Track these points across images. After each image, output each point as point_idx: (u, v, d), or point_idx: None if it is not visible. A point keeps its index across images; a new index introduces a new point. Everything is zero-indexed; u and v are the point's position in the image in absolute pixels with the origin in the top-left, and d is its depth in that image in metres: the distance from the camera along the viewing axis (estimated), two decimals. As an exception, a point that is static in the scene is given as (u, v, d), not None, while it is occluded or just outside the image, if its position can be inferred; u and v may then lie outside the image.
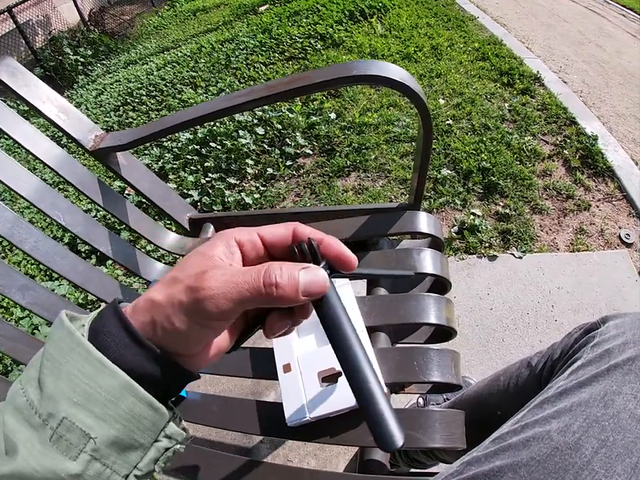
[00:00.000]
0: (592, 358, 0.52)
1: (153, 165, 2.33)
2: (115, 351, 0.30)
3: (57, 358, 0.30)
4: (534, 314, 1.50)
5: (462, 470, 0.46)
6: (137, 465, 0.31)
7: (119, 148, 0.88)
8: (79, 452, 0.28)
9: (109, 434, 0.29)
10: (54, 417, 0.28)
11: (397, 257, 0.81)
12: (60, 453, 0.28)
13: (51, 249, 0.90)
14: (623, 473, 0.40)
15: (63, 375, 0.29)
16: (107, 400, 0.29)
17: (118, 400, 0.29)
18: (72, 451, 0.28)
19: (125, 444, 0.30)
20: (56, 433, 0.28)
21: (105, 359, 0.29)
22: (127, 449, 0.30)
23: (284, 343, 0.76)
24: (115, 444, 0.30)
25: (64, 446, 0.28)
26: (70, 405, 0.29)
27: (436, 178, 1.92)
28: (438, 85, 2.48)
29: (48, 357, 0.30)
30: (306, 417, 0.68)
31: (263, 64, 3.07)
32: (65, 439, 0.28)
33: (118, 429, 0.29)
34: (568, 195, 1.85)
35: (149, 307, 0.31)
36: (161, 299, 0.31)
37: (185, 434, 0.35)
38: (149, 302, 0.31)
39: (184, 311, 0.30)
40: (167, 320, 0.30)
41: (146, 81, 3.39)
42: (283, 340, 0.77)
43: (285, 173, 2.12)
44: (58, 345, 0.30)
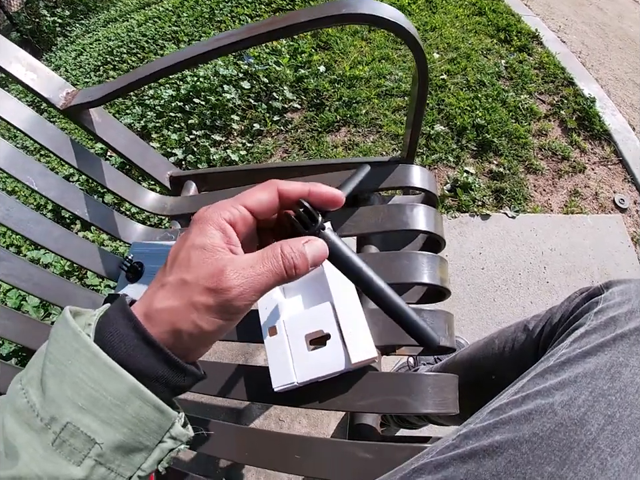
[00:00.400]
0: (596, 325, 0.48)
1: (135, 124, 2.24)
2: (123, 352, 0.29)
3: (60, 360, 0.29)
4: (526, 275, 1.48)
5: (458, 443, 0.42)
6: (141, 466, 0.31)
7: (91, 104, 0.81)
8: (84, 457, 0.28)
9: (115, 438, 0.28)
10: (57, 421, 0.27)
11: (388, 212, 0.76)
12: (63, 457, 0.27)
13: (24, 215, 0.86)
14: (628, 452, 0.37)
15: (67, 377, 0.28)
16: (113, 404, 0.28)
17: (125, 404, 0.29)
18: (76, 456, 0.27)
19: (130, 447, 0.29)
20: (59, 438, 0.27)
21: (113, 363, 0.28)
22: (131, 452, 0.30)
23: (270, 305, 0.72)
24: (121, 448, 0.29)
25: (67, 451, 0.27)
26: (74, 409, 0.28)
27: (429, 134, 1.85)
28: (432, 38, 2.37)
29: (51, 358, 0.29)
30: (293, 381, 0.65)
31: (249, 16, 2.91)
32: (68, 443, 0.27)
33: (124, 433, 0.29)
34: (563, 156, 1.81)
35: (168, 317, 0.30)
36: (179, 306, 0.30)
37: (190, 433, 0.34)
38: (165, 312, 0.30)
39: (212, 314, 0.30)
40: (194, 325, 0.30)
41: (127, 39, 3.25)
42: (268, 302, 0.73)
43: (273, 129, 2.03)
44: (62, 346, 0.29)
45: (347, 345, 0.63)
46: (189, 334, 0.30)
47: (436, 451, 0.43)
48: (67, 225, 1.88)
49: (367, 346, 0.63)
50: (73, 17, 5.65)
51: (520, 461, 0.38)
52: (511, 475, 0.37)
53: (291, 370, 0.65)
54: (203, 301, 0.30)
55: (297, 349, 0.67)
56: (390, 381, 0.64)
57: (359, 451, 0.61)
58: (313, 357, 0.65)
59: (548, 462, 0.37)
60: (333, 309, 0.67)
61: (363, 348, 0.63)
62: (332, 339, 0.65)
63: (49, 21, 5.47)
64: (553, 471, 0.36)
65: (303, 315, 0.70)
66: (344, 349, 0.64)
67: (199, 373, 0.33)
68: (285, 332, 0.69)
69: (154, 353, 0.30)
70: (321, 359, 0.65)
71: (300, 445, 0.66)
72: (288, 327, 0.69)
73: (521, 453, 0.38)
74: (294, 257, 0.31)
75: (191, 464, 1.23)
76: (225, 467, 1.23)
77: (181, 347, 0.31)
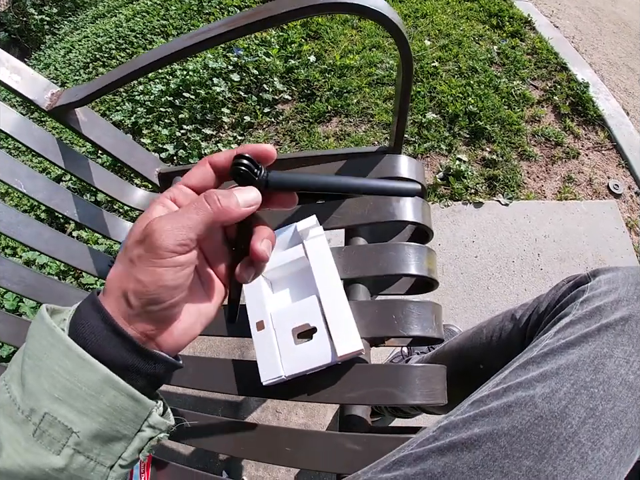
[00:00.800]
0: (581, 315, 0.47)
1: (126, 121, 2.23)
2: (94, 344, 0.30)
3: (37, 354, 0.30)
4: (519, 262, 1.48)
5: (438, 436, 0.42)
6: (122, 455, 0.32)
7: (76, 104, 0.81)
8: (62, 446, 0.29)
9: (91, 427, 0.30)
10: (36, 412, 0.29)
11: (375, 203, 0.75)
12: (43, 447, 0.29)
13: (14, 218, 0.87)
14: (610, 446, 0.37)
15: (43, 371, 0.29)
16: (88, 394, 0.29)
17: (99, 394, 0.30)
18: (55, 445, 0.29)
19: (108, 436, 0.31)
20: (39, 429, 0.29)
21: (85, 354, 0.29)
22: (110, 441, 0.31)
23: (257, 299, 0.72)
24: (98, 437, 0.30)
25: (47, 441, 0.29)
26: (51, 400, 0.29)
27: (421, 122, 1.84)
28: (423, 25, 2.35)
29: (29, 354, 0.30)
30: (281, 375, 0.65)
31: (238, 7, 2.88)
32: (47, 433, 0.29)
33: (100, 422, 0.30)
34: (557, 142, 1.80)
35: (114, 283, 0.31)
36: (120, 268, 0.31)
37: (169, 422, 0.35)
38: (112, 279, 0.32)
39: (145, 262, 0.30)
40: (135, 280, 0.30)
41: (115, 34, 3.22)
42: (255, 296, 0.73)
43: (263, 121, 2.02)
44: (38, 341, 0.30)
45: (332, 338, 0.64)
46: (134, 291, 0.30)
47: (416, 443, 0.43)
48: (60, 225, 1.88)
49: (353, 339, 0.63)
50: (60, 14, 5.58)
51: (498, 455, 0.37)
52: (489, 468, 0.37)
53: (279, 364, 0.66)
54: (136, 253, 0.30)
55: (284, 342, 0.67)
56: (378, 373, 0.64)
57: (348, 442, 0.61)
58: (300, 350, 0.66)
59: (526, 456, 0.37)
60: (319, 302, 0.67)
61: (349, 341, 0.63)
62: (318, 332, 0.65)
63: (37, 19, 5.41)
64: (531, 465, 0.36)
65: (290, 309, 0.70)
66: (330, 342, 0.64)
67: (170, 360, 0.34)
68: (272, 326, 0.69)
69: (122, 343, 0.30)
70: (308, 353, 0.65)
71: (291, 438, 0.67)
72: (275, 320, 0.69)
73: (499, 447, 0.38)
74: (219, 196, 0.31)
75: (190, 458, 1.24)
76: (224, 459, 1.24)
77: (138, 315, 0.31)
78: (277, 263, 0.73)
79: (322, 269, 0.69)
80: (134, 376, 0.31)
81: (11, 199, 2.14)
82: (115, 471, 0.32)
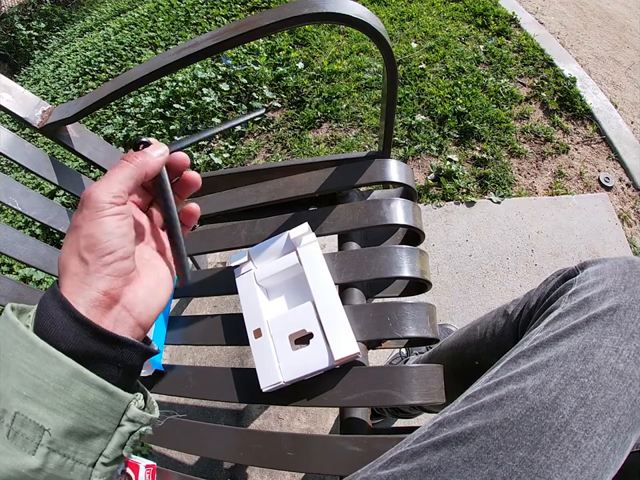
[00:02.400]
0: (570, 308, 0.48)
1: (117, 134, 2.23)
2: (56, 335, 0.29)
3: (4, 353, 0.29)
4: (514, 259, 1.49)
5: (433, 431, 0.43)
6: (102, 452, 0.31)
7: (67, 121, 0.82)
8: (36, 445, 0.28)
9: (63, 424, 0.29)
10: (7, 413, 0.28)
11: (365, 208, 0.76)
12: (18, 448, 0.28)
13: (10, 236, 0.88)
14: (603, 433, 0.38)
15: (11, 370, 0.29)
16: (56, 389, 0.29)
17: (68, 388, 0.29)
18: (29, 445, 0.28)
19: (83, 432, 0.30)
20: (12, 429, 0.28)
21: (50, 347, 0.29)
22: (86, 437, 0.30)
23: (253, 307, 0.73)
24: (72, 433, 0.29)
25: (21, 441, 0.28)
26: (20, 399, 0.28)
27: (410, 124, 1.85)
28: (409, 28, 2.37)
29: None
30: (280, 381, 0.66)
31: (225, 17, 2.90)
32: (21, 433, 0.28)
33: (72, 418, 0.29)
34: (546, 138, 1.81)
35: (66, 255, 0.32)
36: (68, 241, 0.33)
37: (151, 415, 0.34)
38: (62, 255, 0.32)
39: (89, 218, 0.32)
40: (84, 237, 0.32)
41: (103, 47, 3.23)
42: (251, 304, 0.73)
43: (254, 129, 2.03)
44: (3, 340, 0.30)
45: (329, 342, 0.65)
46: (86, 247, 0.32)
47: (412, 439, 0.44)
48: (56, 240, 1.88)
49: (349, 342, 0.64)
50: (48, 29, 5.58)
51: (491, 447, 0.38)
52: (483, 460, 0.38)
53: (277, 370, 0.66)
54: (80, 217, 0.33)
55: (281, 349, 0.68)
56: (376, 375, 0.65)
57: (349, 444, 0.62)
58: (298, 356, 0.66)
59: (519, 447, 0.38)
60: (314, 307, 0.68)
61: (345, 344, 0.64)
62: (315, 337, 0.66)
63: (25, 34, 5.40)
64: (524, 456, 0.37)
65: (286, 316, 0.71)
66: (327, 347, 0.65)
67: (138, 342, 0.33)
68: (269, 333, 0.70)
69: (83, 329, 0.30)
70: (306, 358, 0.66)
71: (293, 442, 0.67)
72: (272, 328, 0.70)
73: (492, 439, 0.39)
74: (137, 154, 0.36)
75: (195, 467, 1.24)
76: (229, 468, 1.24)
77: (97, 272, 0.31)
78: (271, 270, 0.74)
79: (316, 274, 0.70)
80: (103, 365, 0.31)
81: (5, 216, 2.14)
82: (97, 469, 0.31)
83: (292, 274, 0.75)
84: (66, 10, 6.18)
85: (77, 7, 6.41)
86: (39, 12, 6.16)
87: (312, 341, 0.66)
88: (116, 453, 0.32)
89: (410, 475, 0.40)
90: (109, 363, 0.31)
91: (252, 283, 0.75)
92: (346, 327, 0.65)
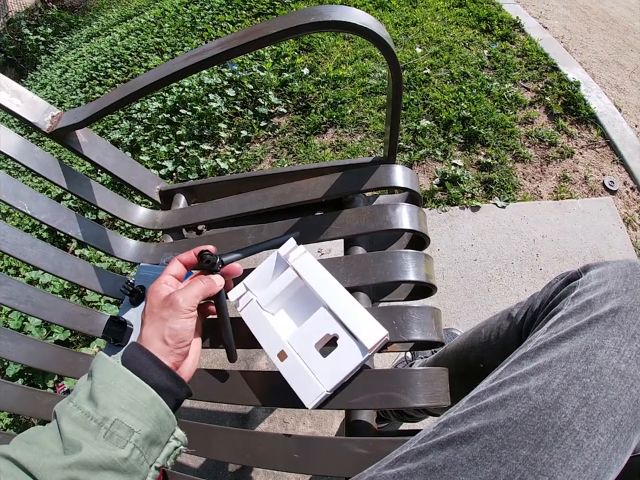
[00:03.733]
0: (572, 310, 0.49)
1: (124, 139, 2.25)
2: (145, 374, 0.46)
3: (106, 381, 0.44)
4: (519, 263, 1.50)
5: (438, 431, 0.44)
6: (157, 458, 0.45)
7: (76, 126, 0.83)
8: (126, 442, 0.41)
9: (146, 430, 0.43)
10: (108, 419, 0.41)
11: (371, 213, 0.77)
12: (112, 444, 0.41)
13: (19, 239, 0.89)
14: (605, 433, 0.39)
15: (112, 391, 0.43)
16: (143, 407, 0.44)
17: (150, 408, 0.44)
18: (121, 442, 0.41)
19: (153, 439, 0.44)
20: (109, 431, 0.41)
21: (141, 381, 0.45)
22: (154, 444, 0.44)
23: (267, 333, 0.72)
24: (148, 438, 0.43)
25: (115, 439, 0.41)
26: (119, 410, 0.42)
27: (415, 129, 1.86)
28: (414, 33, 2.38)
29: (99, 381, 0.44)
30: (323, 391, 0.65)
31: (231, 23, 2.92)
32: (116, 434, 0.41)
33: (151, 428, 0.43)
34: (550, 143, 1.82)
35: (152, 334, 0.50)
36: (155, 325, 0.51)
37: (185, 436, 0.50)
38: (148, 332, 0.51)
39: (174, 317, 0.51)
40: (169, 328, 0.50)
41: (110, 53, 3.26)
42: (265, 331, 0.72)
43: (260, 134, 2.05)
44: (106, 373, 0.45)
45: (355, 336, 0.64)
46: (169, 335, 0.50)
47: (418, 439, 0.45)
48: (63, 244, 1.90)
49: (374, 328, 0.64)
50: (55, 34, 5.62)
51: (495, 446, 0.39)
52: (487, 459, 0.39)
53: (317, 383, 0.65)
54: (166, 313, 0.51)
55: (312, 361, 0.67)
56: (381, 378, 0.65)
57: (355, 446, 0.63)
58: (330, 361, 0.66)
59: (522, 445, 0.38)
60: (329, 310, 0.68)
61: (372, 331, 0.64)
62: (341, 337, 0.66)
63: (32, 39, 5.45)
64: (528, 454, 0.38)
65: (304, 328, 0.70)
66: (355, 341, 0.64)
67: (189, 387, 0.51)
68: (294, 351, 0.68)
69: (164, 372, 0.48)
70: (339, 360, 0.65)
71: (298, 444, 0.68)
72: (294, 345, 0.69)
73: (496, 438, 0.39)
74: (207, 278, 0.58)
75: (201, 469, 1.25)
76: (234, 470, 1.24)
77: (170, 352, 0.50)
78: (273, 293, 0.73)
79: (319, 281, 0.70)
80: (169, 397, 0.47)
81: (12, 219, 2.16)
82: (151, 470, 0.44)
83: (294, 289, 0.75)
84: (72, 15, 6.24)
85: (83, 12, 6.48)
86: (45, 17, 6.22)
87: (339, 341, 0.66)
88: (163, 461, 0.46)
89: (415, 474, 0.41)
90: (171, 395, 0.48)
91: (258, 312, 0.73)
92: (365, 315, 0.65)
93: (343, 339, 0.66)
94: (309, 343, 0.68)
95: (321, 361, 0.67)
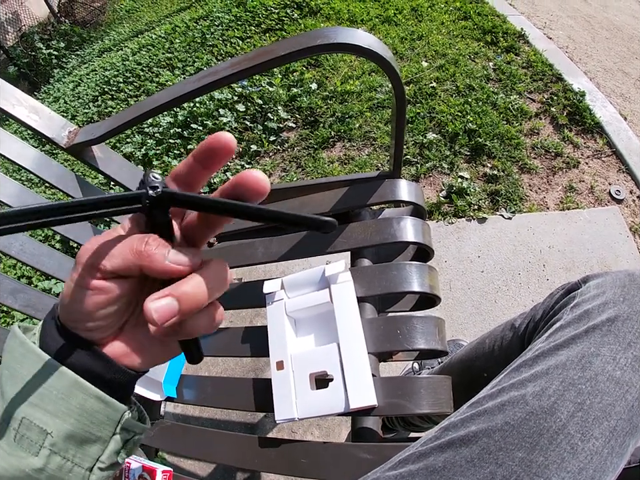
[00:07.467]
0: (571, 319, 0.51)
1: (136, 153, 2.30)
2: (59, 352, 0.32)
3: (13, 365, 0.32)
4: (525, 274, 1.51)
5: (439, 435, 0.46)
6: (99, 457, 0.34)
7: (92, 142, 0.87)
8: (40, 447, 0.31)
9: (64, 428, 0.31)
10: (15, 418, 0.31)
11: (376, 226, 0.80)
12: (23, 450, 0.31)
13: (37, 250, 0.92)
14: (600, 437, 0.40)
15: (19, 380, 0.32)
16: (58, 397, 0.31)
17: (68, 397, 0.32)
18: (33, 447, 0.31)
19: (81, 437, 0.32)
20: (18, 433, 0.31)
21: (53, 361, 0.32)
22: (85, 442, 0.33)
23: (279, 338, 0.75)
24: (71, 437, 0.32)
25: (26, 443, 0.31)
26: (27, 405, 0.31)
27: (422, 143, 1.89)
28: (420, 47, 2.42)
29: (6, 367, 0.33)
30: (294, 417, 0.69)
31: (240, 38, 2.98)
32: (26, 437, 0.31)
33: (72, 423, 0.32)
34: (556, 153, 1.83)
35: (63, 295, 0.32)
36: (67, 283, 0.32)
37: (143, 426, 0.37)
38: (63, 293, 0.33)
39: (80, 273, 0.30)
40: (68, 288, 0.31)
41: (122, 68, 3.30)
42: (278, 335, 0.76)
43: (270, 149, 2.08)
44: (12, 355, 0.33)
45: (347, 389, 0.66)
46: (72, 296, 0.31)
47: (420, 443, 0.47)
48: (75, 255, 1.94)
49: (367, 392, 0.66)
50: (68, 48, 5.70)
51: (492, 448, 0.41)
52: (484, 460, 0.41)
53: (294, 406, 0.69)
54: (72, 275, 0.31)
55: (300, 386, 0.70)
56: (386, 385, 0.67)
57: (360, 452, 0.65)
58: (315, 396, 0.68)
59: (519, 448, 0.40)
60: (338, 350, 0.70)
61: (363, 394, 0.66)
62: (334, 381, 0.68)
63: (45, 53, 5.53)
64: (524, 456, 0.40)
65: (310, 354, 0.72)
66: (345, 393, 0.67)
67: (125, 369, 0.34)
68: (291, 368, 0.71)
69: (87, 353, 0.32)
70: (322, 399, 0.68)
71: (306, 450, 0.70)
72: (294, 363, 0.72)
73: (494, 441, 0.41)
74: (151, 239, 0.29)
75: (210, 475, 1.26)
76: (244, 477, 1.26)
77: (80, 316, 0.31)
78: (302, 303, 0.76)
79: (345, 316, 0.72)
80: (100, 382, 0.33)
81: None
82: (94, 473, 0.33)
83: (322, 310, 0.77)
84: (85, 30, 6.35)
85: (95, 27, 6.60)
86: (58, 32, 6.34)
87: (331, 385, 0.68)
88: (111, 459, 0.35)
89: (416, 475, 0.43)
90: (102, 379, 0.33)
91: (282, 313, 0.76)
92: (367, 376, 0.67)
93: (335, 384, 0.68)
94: (306, 369, 0.71)
95: (307, 391, 0.70)
